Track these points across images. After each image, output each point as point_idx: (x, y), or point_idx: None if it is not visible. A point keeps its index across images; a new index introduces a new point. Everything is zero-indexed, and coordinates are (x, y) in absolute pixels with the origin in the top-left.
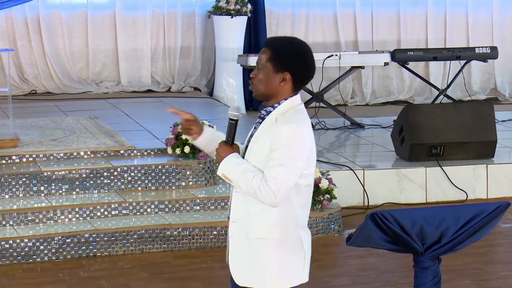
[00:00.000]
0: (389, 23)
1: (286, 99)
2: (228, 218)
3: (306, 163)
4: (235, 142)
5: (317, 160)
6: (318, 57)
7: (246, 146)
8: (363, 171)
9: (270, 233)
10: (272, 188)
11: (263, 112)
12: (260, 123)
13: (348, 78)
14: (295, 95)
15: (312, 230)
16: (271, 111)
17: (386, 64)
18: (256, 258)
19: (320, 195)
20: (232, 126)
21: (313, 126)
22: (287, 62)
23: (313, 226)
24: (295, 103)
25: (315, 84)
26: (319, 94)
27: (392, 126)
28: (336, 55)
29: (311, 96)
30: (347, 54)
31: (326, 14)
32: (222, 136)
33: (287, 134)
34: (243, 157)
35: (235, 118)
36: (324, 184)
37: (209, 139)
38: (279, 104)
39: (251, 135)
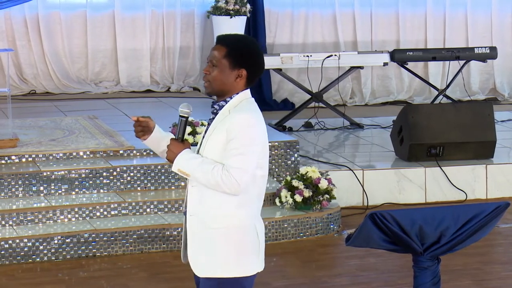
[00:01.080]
0: (388, 23)
1: (237, 93)
2: (185, 213)
3: (262, 152)
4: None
5: (317, 160)
6: (317, 57)
7: (200, 144)
8: (362, 171)
9: (227, 223)
10: (235, 177)
11: (216, 106)
12: (213, 118)
13: (347, 78)
14: (246, 89)
15: (312, 230)
16: (224, 105)
17: (385, 64)
18: (214, 247)
19: (320, 195)
20: (183, 123)
21: (312, 126)
22: (243, 59)
23: (312, 226)
24: (246, 96)
25: (314, 84)
26: (318, 94)
27: (391, 126)
28: (335, 55)
29: (310, 96)
30: (346, 54)
31: (325, 14)
32: (170, 135)
33: (241, 123)
34: (197, 153)
35: (186, 115)
36: (323, 184)
37: (158, 138)
38: (231, 98)
39: (206, 130)
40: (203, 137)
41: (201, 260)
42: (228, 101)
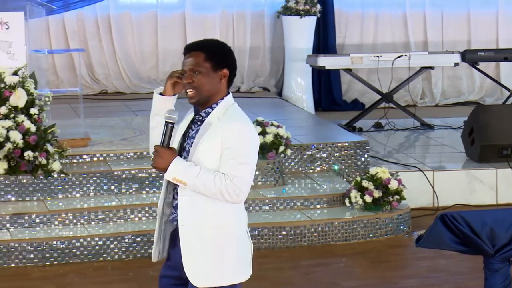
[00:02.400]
0: (459, 23)
1: (222, 99)
2: (175, 221)
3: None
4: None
5: (387, 161)
6: (387, 57)
7: (181, 149)
8: (432, 172)
9: (225, 231)
10: (239, 186)
11: (202, 114)
12: (199, 125)
13: (418, 79)
14: (228, 93)
15: (381, 231)
16: (210, 112)
17: (456, 64)
18: (213, 257)
19: (390, 196)
20: (169, 129)
21: (382, 127)
22: (223, 59)
23: (382, 227)
24: (230, 101)
25: (384, 85)
26: (389, 94)
27: (462, 127)
28: (405, 55)
29: (380, 97)
30: (417, 55)
31: (395, 15)
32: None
33: (239, 132)
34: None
35: (173, 121)
36: (393, 185)
37: (172, 101)
38: (217, 104)
39: (188, 137)
40: (184, 143)
41: (198, 270)
42: (214, 107)
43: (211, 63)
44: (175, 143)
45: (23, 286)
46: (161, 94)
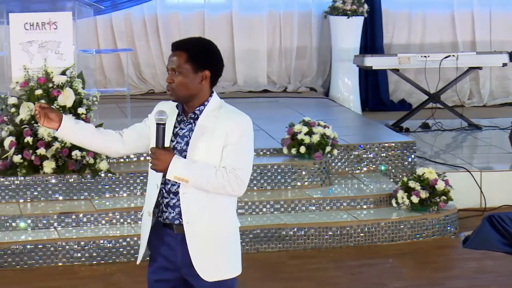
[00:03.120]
0: (507, 22)
1: (210, 96)
2: (176, 220)
3: None
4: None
5: (434, 161)
6: (435, 57)
7: (173, 147)
8: (480, 173)
9: (226, 225)
10: (242, 178)
11: (196, 111)
12: (191, 123)
13: (466, 79)
14: (213, 93)
15: (428, 232)
16: (203, 110)
17: (504, 65)
18: (219, 250)
19: (437, 196)
20: (161, 130)
21: (429, 127)
22: (205, 61)
23: (429, 228)
24: (218, 100)
25: (431, 85)
26: (436, 95)
27: (510, 127)
28: (453, 55)
29: (427, 97)
30: (465, 55)
31: (443, 14)
32: (84, 125)
33: (243, 127)
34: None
35: (163, 122)
36: (440, 185)
37: (75, 128)
38: (208, 101)
39: (179, 136)
40: (177, 141)
41: (207, 264)
42: (206, 104)
43: (192, 64)
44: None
45: (71, 285)
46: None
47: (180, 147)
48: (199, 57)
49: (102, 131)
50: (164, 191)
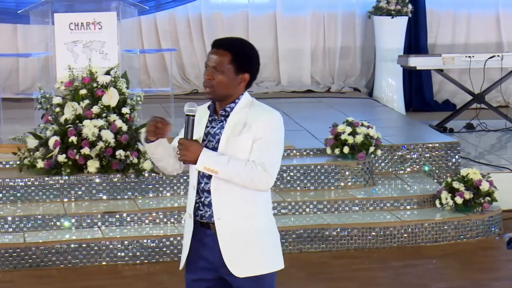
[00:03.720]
0: None
1: (242, 94)
2: (212, 218)
3: None
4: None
5: (478, 162)
6: (479, 57)
7: (204, 146)
8: None
9: (258, 220)
10: (270, 171)
11: (227, 109)
12: (222, 121)
13: (510, 79)
14: (245, 91)
15: (472, 233)
16: (234, 107)
17: None
18: (250, 246)
19: (481, 197)
20: (191, 122)
21: (473, 128)
22: (247, 64)
23: (473, 229)
24: (250, 97)
25: (476, 85)
26: (480, 95)
27: None
28: (498, 55)
29: (472, 97)
30: (510, 55)
31: (488, 14)
32: (167, 146)
33: (272, 123)
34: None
35: (193, 114)
36: (484, 186)
37: (167, 146)
38: (239, 99)
39: (210, 135)
40: (207, 138)
41: (239, 260)
42: (237, 102)
43: (235, 66)
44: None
45: (115, 284)
46: (147, 140)
47: (212, 145)
48: (243, 60)
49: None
50: (199, 190)
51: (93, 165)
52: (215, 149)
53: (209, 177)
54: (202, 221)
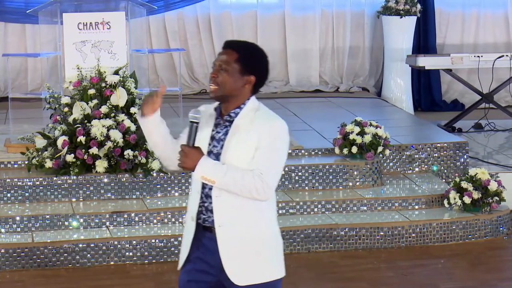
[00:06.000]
0: None
1: (248, 99)
2: (201, 220)
3: None
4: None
5: (487, 162)
6: (488, 57)
7: (208, 153)
8: None
9: (260, 228)
10: (268, 183)
11: (232, 114)
12: (227, 126)
13: None
14: (251, 96)
15: (480, 233)
16: (239, 112)
17: None
18: (252, 254)
19: (489, 197)
20: (194, 129)
21: (482, 128)
22: (253, 66)
23: (481, 229)
24: (256, 102)
25: (485, 85)
26: (489, 95)
27: None
28: (506, 55)
29: (480, 97)
30: None
31: (496, 14)
32: (165, 128)
33: (276, 132)
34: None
35: (197, 121)
36: (493, 186)
37: (158, 122)
38: (244, 105)
39: (215, 139)
40: (213, 144)
41: (240, 269)
42: (242, 107)
43: (240, 65)
44: (202, 148)
45: (123, 283)
46: (143, 116)
47: (217, 150)
48: (249, 60)
49: (175, 143)
50: (203, 196)
51: (101, 165)
52: (219, 154)
53: None
54: (205, 225)
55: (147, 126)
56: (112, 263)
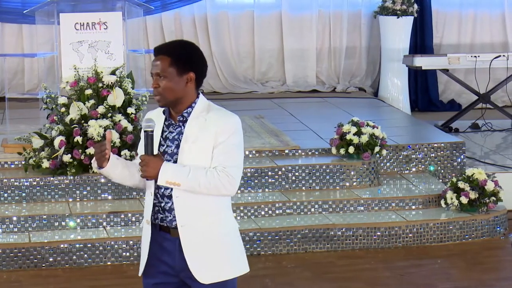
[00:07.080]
0: None
1: (197, 98)
2: (173, 222)
3: None
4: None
5: (484, 162)
6: (485, 57)
7: (163, 151)
8: None
9: (222, 226)
10: (233, 175)
11: (184, 114)
12: (180, 126)
13: None
14: (199, 94)
15: (477, 233)
16: (191, 112)
17: None
18: (215, 252)
19: (486, 197)
20: (150, 138)
21: (479, 128)
22: (188, 63)
23: (478, 229)
24: (206, 102)
25: (481, 85)
26: (486, 95)
27: None
28: (503, 55)
29: (477, 97)
30: None
31: (493, 14)
32: (128, 162)
33: (234, 125)
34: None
35: (151, 129)
36: (490, 186)
37: (122, 163)
38: (195, 103)
39: (168, 140)
40: (167, 144)
41: (204, 267)
42: (193, 106)
43: (176, 68)
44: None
45: (120, 284)
46: (100, 168)
47: (171, 150)
48: (183, 60)
49: (137, 165)
50: (159, 196)
51: None
52: (174, 154)
53: None
54: (162, 224)
55: (107, 172)
56: (109, 263)
